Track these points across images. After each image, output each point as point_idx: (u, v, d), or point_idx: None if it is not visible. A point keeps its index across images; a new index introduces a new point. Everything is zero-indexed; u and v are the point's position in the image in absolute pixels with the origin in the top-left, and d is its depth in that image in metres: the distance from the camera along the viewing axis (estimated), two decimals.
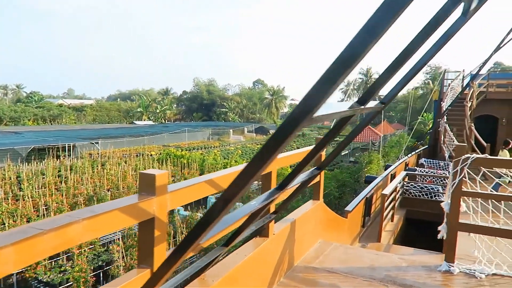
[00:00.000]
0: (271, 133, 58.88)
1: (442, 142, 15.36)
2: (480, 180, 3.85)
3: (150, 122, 64.56)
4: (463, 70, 19.08)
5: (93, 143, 31.99)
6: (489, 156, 3.83)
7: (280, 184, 1.85)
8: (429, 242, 6.12)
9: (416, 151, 16.04)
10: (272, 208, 2.96)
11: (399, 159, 13.83)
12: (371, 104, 1.87)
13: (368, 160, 24.41)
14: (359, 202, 6.66)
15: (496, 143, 16.44)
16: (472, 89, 17.49)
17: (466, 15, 1.75)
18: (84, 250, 13.92)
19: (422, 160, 14.16)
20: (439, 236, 4.03)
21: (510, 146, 10.87)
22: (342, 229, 5.82)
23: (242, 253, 2.76)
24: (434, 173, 11.53)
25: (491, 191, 4.19)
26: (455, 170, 3.75)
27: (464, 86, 17.66)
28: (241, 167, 2.32)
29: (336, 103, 1.54)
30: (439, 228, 4.01)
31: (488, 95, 18.19)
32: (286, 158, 3.25)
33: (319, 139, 2.35)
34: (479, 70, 16.26)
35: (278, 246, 3.32)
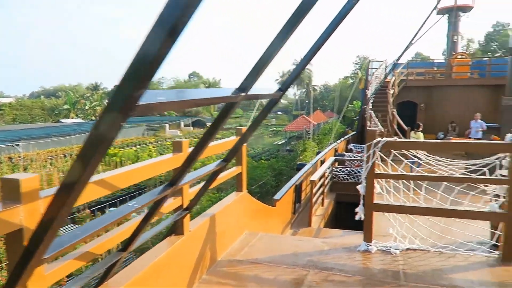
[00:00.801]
0: (207, 126, 58.41)
1: (368, 127, 16.25)
2: (391, 162, 4.07)
3: (79, 120, 60.56)
4: (386, 60, 20.32)
5: (13, 146, 29.16)
6: (398, 139, 4.03)
7: (171, 181, 1.71)
8: (358, 222, 6.45)
9: (345, 137, 16.81)
10: (186, 204, 2.83)
11: (329, 146, 14.39)
12: (267, 91, 1.81)
13: (303, 148, 25.20)
14: (288, 190, 6.76)
15: None
16: (394, 77, 18.73)
17: None
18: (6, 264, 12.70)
19: (350, 146, 14.88)
20: (356, 218, 4.19)
21: (421, 128, 11.85)
22: (271, 218, 5.87)
23: (152, 255, 2.60)
24: (361, 157, 12.16)
25: (411, 168, 4.45)
26: (368, 154, 3.91)
27: (386, 74, 18.80)
28: (140, 164, 2.15)
29: (220, 90, 1.44)
30: (356, 210, 4.17)
31: (408, 83, 19.58)
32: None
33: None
34: (397, 60, 17.41)
35: (197, 243, 3.20)
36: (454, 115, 18.00)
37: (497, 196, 3.96)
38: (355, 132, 18.73)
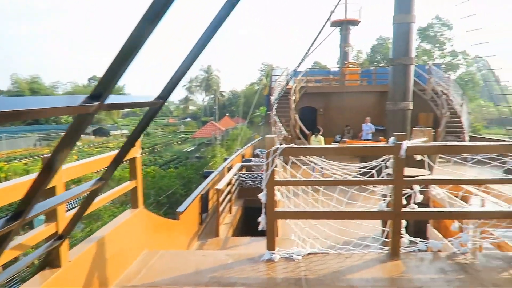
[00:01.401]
0: (111, 134, 54.67)
1: (273, 133, 16.79)
2: (290, 168, 4.11)
3: None
4: (287, 68, 21.32)
5: None
6: (296, 146, 4.10)
7: (14, 212, 1.36)
8: None
9: (252, 142, 17.11)
10: (61, 230, 2.42)
11: (236, 152, 14.47)
12: (144, 99, 1.58)
13: (212, 155, 25.05)
14: (193, 200, 6.52)
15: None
16: (295, 84, 19.74)
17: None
18: None
19: (257, 151, 15.17)
20: (259, 228, 4.13)
21: (321, 132, 12.58)
22: (174, 232, 5.55)
23: None
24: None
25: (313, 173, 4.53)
26: (267, 161, 3.89)
27: (287, 81, 19.72)
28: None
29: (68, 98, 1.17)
30: (259, 219, 4.11)
31: (307, 89, 20.79)
32: (75, 167, 2.73)
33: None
34: (297, 68, 18.40)
35: (80, 274, 2.79)
36: (348, 119, 19.59)
37: (385, 195, 4.26)
38: (261, 137, 19.21)
